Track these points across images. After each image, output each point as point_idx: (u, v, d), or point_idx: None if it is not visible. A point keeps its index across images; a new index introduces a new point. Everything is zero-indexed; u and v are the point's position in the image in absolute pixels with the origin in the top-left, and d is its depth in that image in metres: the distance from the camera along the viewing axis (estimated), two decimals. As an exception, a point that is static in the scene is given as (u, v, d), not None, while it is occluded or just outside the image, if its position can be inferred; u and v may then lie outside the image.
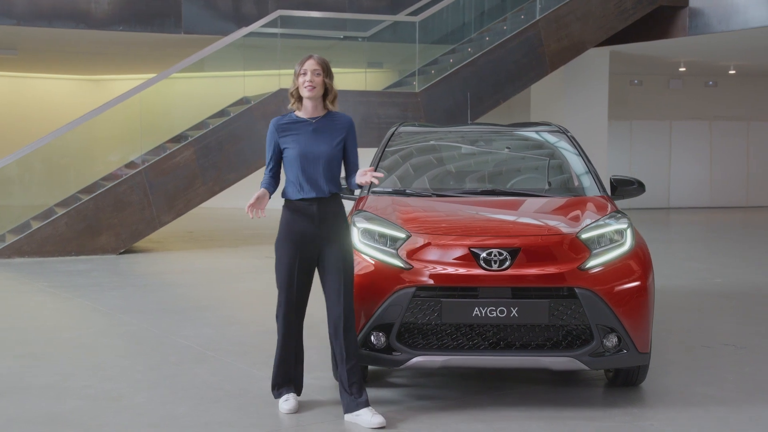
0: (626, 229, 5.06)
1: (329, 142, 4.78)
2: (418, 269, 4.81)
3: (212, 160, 11.89)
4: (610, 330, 4.78)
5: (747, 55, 16.91)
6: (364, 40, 14.11)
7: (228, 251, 12.07)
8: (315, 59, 4.79)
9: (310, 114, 4.82)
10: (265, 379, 5.47)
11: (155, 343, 6.53)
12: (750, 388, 5.30)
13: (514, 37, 13.15)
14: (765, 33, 13.96)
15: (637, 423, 4.67)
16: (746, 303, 8.23)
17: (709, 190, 20.57)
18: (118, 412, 4.84)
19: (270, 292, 8.92)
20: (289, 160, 4.78)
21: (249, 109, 12.12)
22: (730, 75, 19.73)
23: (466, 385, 5.35)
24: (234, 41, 12.50)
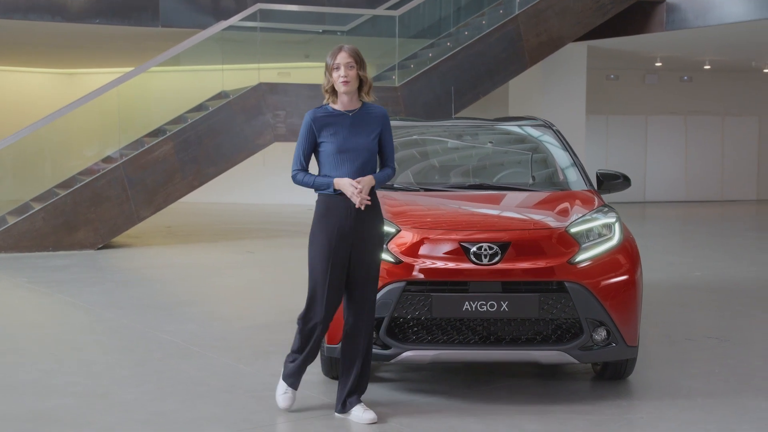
0: (614, 223, 5.09)
1: (367, 136, 4.60)
2: (408, 264, 4.80)
3: (192, 155, 11.82)
4: (600, 323, 4.80)
5: (722, 50, 17.07)
6: (343, 34, 14.07)
7: (207, 246, 12.01)
8: (347, 51, 4.57)
9: (346, 107, 4.62)
10: (253, 374, 5.46)
11: (139, 338, 6.48)
12: (735, 381, 5.34)
13: (494, 32, 13.17)
14: (740, 28, 14.09)
15: (627, 416, 4.69)
16: (726, 296, 8.30)
17: (685, 184, 20.74)
18: (107, 409, 4.80)
19: (252, 287, 8.93)
20: (327, 155, 4.58)
21: (228, 103, 12.05)
22: (705, 70, 19.89)
23: (454, 379, 5.35)
24: (213, 35, 12.41)
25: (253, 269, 10.17)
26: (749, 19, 13.39)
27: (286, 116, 12.24)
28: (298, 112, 12.35)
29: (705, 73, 20.26)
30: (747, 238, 13.81)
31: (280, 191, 19.05)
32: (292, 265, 10.47)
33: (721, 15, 13.67)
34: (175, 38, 13.83)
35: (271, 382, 5.26)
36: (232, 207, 18.12)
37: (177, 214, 14.84)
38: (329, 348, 4.99)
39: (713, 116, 20.94)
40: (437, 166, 6.22)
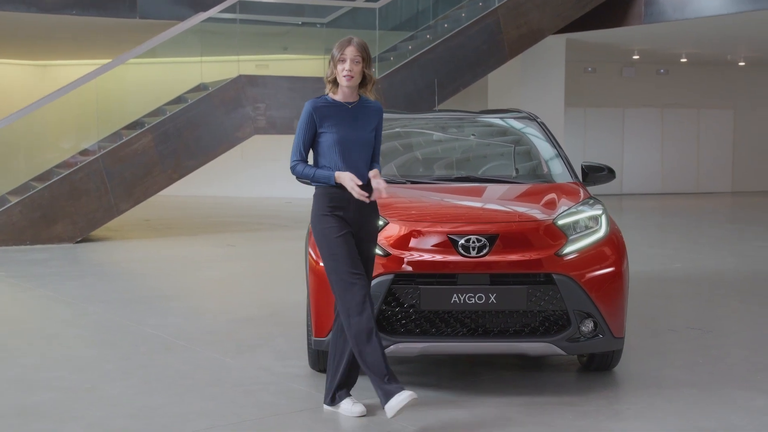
0: (601, 216, 5.11)
1: (366, 128, 4.55)
2: (396, 256, 4.80)
3: (171, 147, 11.75)
4: (587, 315, 4.82)
5: (699, 43, 17.18)
6: (323, 26, 14.03)
7: (187, 239, 11.95)
8: (355, 46, 4.46)
9: (346, 98, 4.55)
10: (239, 368, 5.44)
11: (122, 333, 6.43)
12: (719, 371, 5.39)
13: (474, 24, 13.18)
14: (717, 22, 14.19)
15: (614, 407, 4.72)
16: (706, 287, 8.37)
17: (661, 176, 20.89)
18: (93, 403, 4.76)
19: (234, 281, 8.89)
20: (328, 145, 4.50)
21: (208, 95, 11.98)
22: (682, 63, 20.02)
23: (440, 372, 5.36)
24: (192, 27, 12.32)
25: (234, 262, 10.12)
26: (726, 13, 13.49)
27: (266, 109, 12.20)
28: (278, 105, 12.32)
29: (681, 66, 20.39)
30: (724, 230, 13.93)
31: (258, 184, 19.01)
32: (274, 258, 10.45)
33: (699, 8, 13.76)
34: (153, 30, 13.71)
35: (258, 375, 5.26)
36: (210, 200, 18.04)
37: (155, 207, 14.74)
38: (316, 341, 4.98)
39: (689, 109, 21.10)
40: (423, 158, 6.21)
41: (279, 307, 7.30)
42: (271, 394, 4.89)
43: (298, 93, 12.46)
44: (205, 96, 11.99)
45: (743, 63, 20.40)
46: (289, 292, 7.98)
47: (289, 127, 12.35)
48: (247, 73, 12.23)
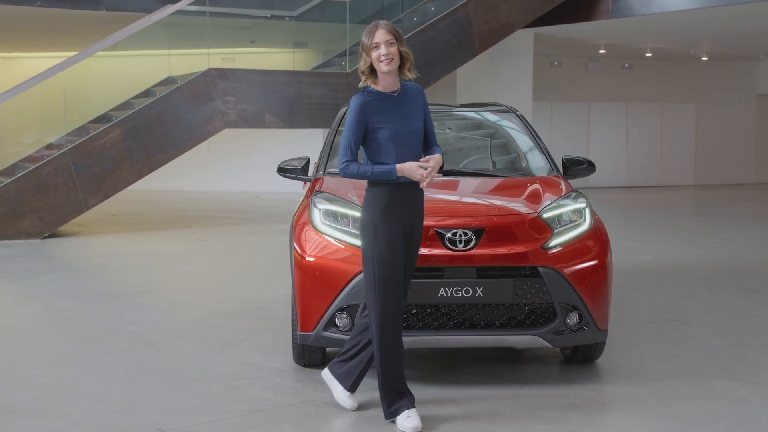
0: (585, 209, 5.15)
1: (416, 116, 4.30)
2: (383, 250, 4.78)
3: (140, 141, 11.62)
4: (572, 308, 4.85)
5: (664, 38, 17.36)
6: (292, 19, 13.99)
7: (157, 234, 11.83)
8: (384, 28, 4.21)
9: (389, 87, 4.28)
10: (223, 363, 5.40)
11: (100, 329, 6.35)
12: (700, 362, 5.46)
13: (444, 18, 13.20)
14: (682, 17, 14.34)
15: (600, 399, 4.76)
16: (678, 279, 8.47)
17: (626, 170, 21.10)
18: (76, 399, 4.70)
19: (209, 275, 8.82)
20: (383, 141, 4.23)
21: (178, 88, 11.87)
22: (646, 57, 20.22)
23: (424, 365, 5.36)
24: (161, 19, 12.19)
25: (207, 257, 10.05)
26: (691, 8, 13.64)
27: (236, 102, 12.11)
28: (249, 98, 12.23)
29: (646, 60, 20.60)
30: (690, 222, 14.12)
31: (225, 179, 18.87)
32: (247, 253, 10.39)
33: (665, 3, 13.90)
34: (119, 22, 13.54)
35: (242, 371, 5.23)
36: (176, 194, 17.88)
37: (120, 202, 14.56)
38: (302, 336, 4.95)
39: (653, 103, 21.33)
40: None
41: (259, 301, 7.26)
42: (257, 389, 4.86)
43: (269, 86, 12.40)
44: (175, 89, 11.87)
45: (706, 58, 20.65)
46: (268, 287, 7.94)
47: (260, 120, 12.28)
48: (213, 66, 12.12)
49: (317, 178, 5.73)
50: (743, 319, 6.73)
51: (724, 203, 17.46)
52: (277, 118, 12.33)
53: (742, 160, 22.51)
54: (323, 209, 5.04)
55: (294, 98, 12.38)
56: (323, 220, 5.00)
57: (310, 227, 5.03)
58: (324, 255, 4.87)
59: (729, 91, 21.96)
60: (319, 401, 4.65)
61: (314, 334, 4.88)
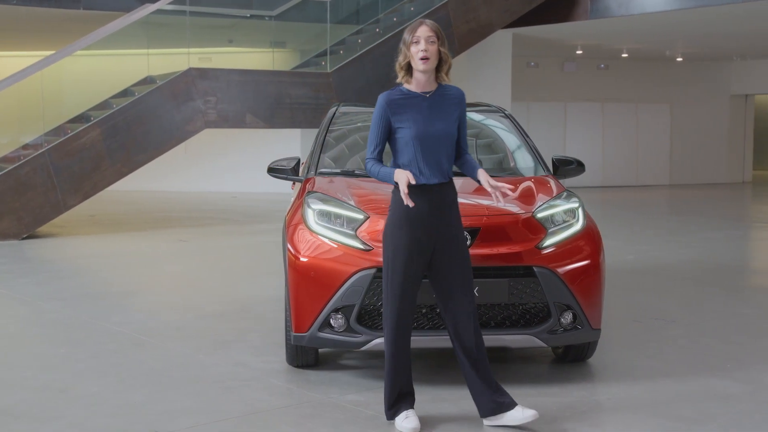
0: (578, 208, 5.17)
1: (447, 119, 4.20)
2: (378, 250, 4.77)
3: (120, 141, 11.53)
4: (567, 307, 4.87)
5: (641, 38, 17.50)
6: (271, 18, 13.94)
7: (137, 235, 11.74)
8: (428, 25, 4.16)
9: (422, 88, 4.22)
10: (215, 364, 5.37)
11: (87, 330, 6.29)
12: (691, 360, 5.50)
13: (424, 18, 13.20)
14: (659, 18, 14.47)
15: (594, 398, 4.78)
16: (661, 278, 8.54)
17: (602, 169, 21.25)
18: (70, 402, 4.65)
19: (192, 276, 8.77)
20: (404, 142, 4.18)
21: (158, 88, 11.79)
22: (622, 58, 20.38)
23: (419, 365, 5.34)
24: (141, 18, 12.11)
25: (189, 258, 9.99)
26: (669, 9, 13.77)
27: (217, 102, 12.05)
28: (229, 98, 12.18)
29: (621, 61, 20.76)
30: (669, 222, 14.24)
31: (201, 179, 18.79)
32: (230, 253, 10.35)
33: (643, 4, 14.01)
34: (97, 21, 13.46)
35: (236, 372, 5.20)
36: (153, 195, 17.78)
37: (97, 202, 14.44)
38: (296, 336, 4.94)
39: (628, 103, 21.49)
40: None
41: (246, 302, 7.23)
42: (252, 390, 4.84)
43: (250, 86, 12.35)
44: (155, 89, 11.80)
45: (681, 59, 20.85)
46: (254, 288, 7.92)
47: (240, 120, 12.23)
48: (194, 66, 12.05)
49: (308, 178, 5.72)
50: (728, 318, 6.79)
51: (699, 203, 17.63)
52: (257, 118, 12.29)
53: (715, 160, 22.75)
54: (317, 209, 5.03)
55: (275, 98, 12.35)
56: (317, 220, 4.99)
57: (303, 227, 5.02)
58: (318, 255, 4.86)
59: (703, 91, 22.19)
60: (315, 402, 4.64)
61: (309, 335, 4.86)
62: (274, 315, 6.76)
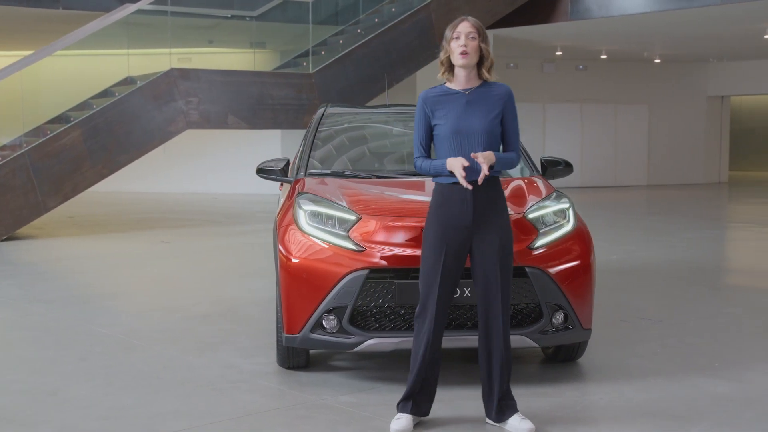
0: (568, 209, 5.18)
1: (484, 116, 4.18)
2: (370, 251, 4.77)
3: (101, 142, 11.45)
4: (558, 307, 4.88)
5: (620, 40, 17.61)
6: (252, 19, 13.90)
7: (118, 236, 11.66)
8: (469, 21, 4.20)
9: (463, 85, 4.23)
10: (204, 366, 5.34)
11: (73, 333, 6.24)
12: (680, 360, 5.53)
13: (407, 19, 13.22)
14: (639, 20, 14.57)
15: (587, 397, 4.79)
16: (645, 278, 8.59)
17: (580, 170, 21.34)
18: (60, 406, 4.60)
19: (177, 277, 8.71)
20: (441, 138, 4.18)
21: (139, 89, 11.72)
22: (601, 59, 20.49)
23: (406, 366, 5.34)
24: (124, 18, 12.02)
25: (172, 259, 9.93)
26: (649, 11, 13.86)
27: (199, 103, 12.00)
28: (211, 99, 12.13)
29: (600, 62, 20.87)
30: (650, 222, 14.32)
31: (181, 179, 18.70)
32: (213, 254, 10.30)
33: (623, 6, 14.10)
34: (77, 21, 13.37)
35: (225, 374, 5.17)
36: (132, 196, 17.68)
37: (75, 204, 14.33)
38: (288, 338, 4.91)
39: (606, 104, 21.61)
40: (388, 152, 6.20)
41: (232, 304, 7.20)
42: (243, 393, 4.81)
43: (232, 87, 12.31)
44: (136, 89, 11.72)
45: (658, 60, 21.00)
46: (238, 289, 7.88)
47: (223, 121, 12.18)
48: (175, 66, 11.98)
49: (298, 179, 5.70)
50: (713, 317, 6.84)
51: (678, 203, 17.75)
52: (240, 119, 12.25)
53: (692, 161, 22.94)
54: (308, 210, 5.01)
55: (257, 99, 12.31)
56: (308, 221, 4.97)
57: (295, 228, 5.00)
58: (310, 256, 4.84)
59: (680, 92, 22.37)
60: (309, 404, 4.62)
61: (301, 336, 4.84)
62: (261, 316, 6.74)
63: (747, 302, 7.47)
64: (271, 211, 15.28)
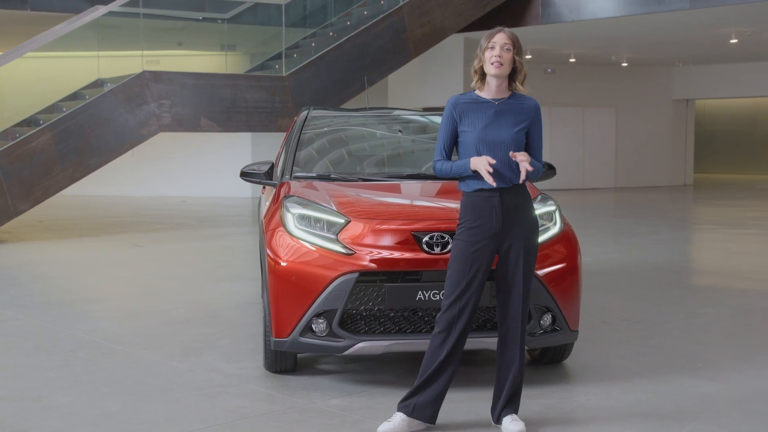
0: (555, 212, 5.22)
1: (511, 127, 4.20)
2: (360, 254, 4.76)
3: (72, 145, 11.32)
4: (546, 309, 4.91)
5: (589, 44, 17.76)
6: (224, 21, 13.83)
7: (89, 240, 11.54)
8: (506, 33, 4.21)
9: (493, 95, 4.24)
10: (190, 371, 5.30)
11: (53, 338, 6.15)
12: (662, 360, 5.59)
13: (379, 22, 13.23)
14: (609, 23, 14.71)
15: (576, 398, 4.82)
16: (621, 279, 8.67)
17: (549, 173, 21.46)
18: (46, 412, 4.54)
19: (152, 282, 8.63)
20: (466, 145, 4.20)
21: (111, 91, 11.60)
22: (569, 63, 20.65)
23: (395, 368, 5.36)
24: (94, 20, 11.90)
25: (146, 263, 9.84)
26: (619, 15, 14.00)
27: (171, 105, 11.91)
28: (184, 102, 12.05)
29: (569, 65, 21.03)
30: (620, 224, 14.46)
31: (149, 182, 18.54)
32: (187, 258, 10.23)
33: (594, 10, 14.23)
34: (45, 23, 13.22)
35: (212, 378, 5.14)
36: (99, 200, 17.50)
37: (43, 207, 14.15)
38: (276, 342, 4.89)
39: (575, 107, 21.78)
40: (374, 156, 6.19)
41: (212, 308, 7.16)
42: (233, 397, 4.78)
43: (205, 90, 12.23)
44: (108, 92, 11.61)
45: (626, 64, 21.21)
46: (217, 293, 7.84)
47: (195, 124, 12.10)
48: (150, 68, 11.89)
49: (283, 182, 5.68)
50: (691, 317, 6.93)
51: (646, 205, 17.95)
52: (213, 122, 12.18)
53: (658, 163, 23.19)
54: (296, 213, 4.99)
55: (230, 102, 12.25)
56: (297, 224, 4.96)
57: (283, 231, 4.98)
58: (299, 260, 4.82)
59: (647, 96, 22.62)
60: (300, 407, 4.60)
61: (290, 340, 4.82)
62: (242, 320, 6.71)
63: (721, 303, 7.56)
64: (242, 215, 15.23)
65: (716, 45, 17.89)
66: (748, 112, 28.89)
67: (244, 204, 16.77)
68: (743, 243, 11.68)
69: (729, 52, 19.18)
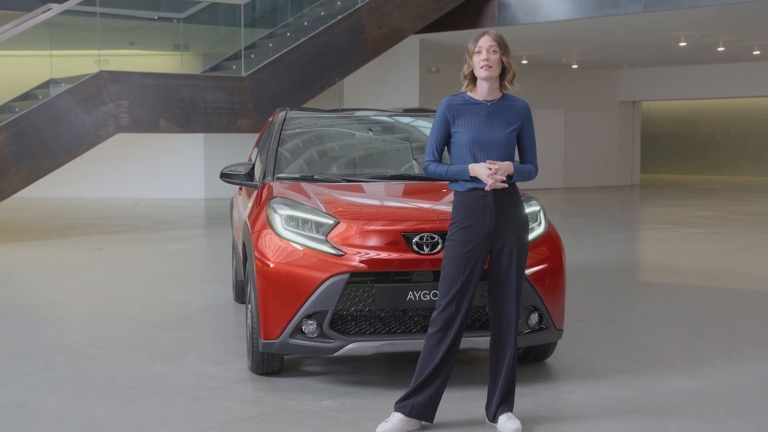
0: (539, 212, 5.28)
1: (504, 128, 4.28)
2: (350, 255, 4.76)
3: (27, 147, 11.10)
4: (533, 309, 4.97)
5: (542, 46, 17.97)
6: (180, 21, 13.69)
7: (47, 243, 11.32)
8: (490, 36, 4.28)
9: (485, 96, 4.31)
10: (176, 374, 5.24)
11: (28, 343, 6.03)
12: (642, 358, 5.68)
13: (338, 23, 13.23)
14: (563, 26, 14.91)
15: (563, 396, 4.88)
16: (587, 278, 8.78)
17: (501, 174, 21.66)
18: (32, 418, 4.45)
19: (120, 284, 8.49)
20: (459, 146, 4.27)
21: (68, 91, 11.40)
22: (522, 65, 20.85)
23: (381, 369, 5.37)
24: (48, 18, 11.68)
25: (109, 266, 9.69)
26: (574, 18, 14.19)
27: (129, 106, 11.74)
28: (142, 102, 11.89)
29: (521, 67, 21.23)
30: (574, 224, 14.63)
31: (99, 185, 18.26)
32: (149, 260, 10.10)
33: (549, 13, 14.40)
34: (-4, 21, 12.91)
35: (199, 381, 5.09)
36: (49, 202, 17.17)
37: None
38: (265, 344, 4.86)
39: (525, 109, 22.00)
40: (355, 156, 6.20)
41: (184, 310, 7.09)
42: (222, 400, 4.74)
43: (163, 90, 12.09)
44: (65, 92, 11.41)
45: (576, 66, 21.50)
46: (187, 295, 7.77)
47: (154, 125, 11.95)
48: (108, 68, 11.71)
49: (265, 183, 5.65)
50: (662, 315, 7.06)
51: (596, 205, 18.22)
52: (171, 123, 12.04)
53: (606, 164, 23.56)
54: (284, 214, 4.97)
55: (189, 102, 12.12)
56: (285, 225, 4.94)
57: (271, 233, 4.96)
58: (289, 261, 4.80)
59: (595, 98, 22.97)
60: (292, 409, 4.58)
61: (279, 342, 4.80)
62: (218, 323, 6.66)
63: (688, 300, 7.72)
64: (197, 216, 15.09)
65: (665, 48, 18.24)
66: (690, 114, 29.53)
67: (197, 206, 16.61)
68: (696, 241, 11.93)
69: (676, 56, 19.58)
